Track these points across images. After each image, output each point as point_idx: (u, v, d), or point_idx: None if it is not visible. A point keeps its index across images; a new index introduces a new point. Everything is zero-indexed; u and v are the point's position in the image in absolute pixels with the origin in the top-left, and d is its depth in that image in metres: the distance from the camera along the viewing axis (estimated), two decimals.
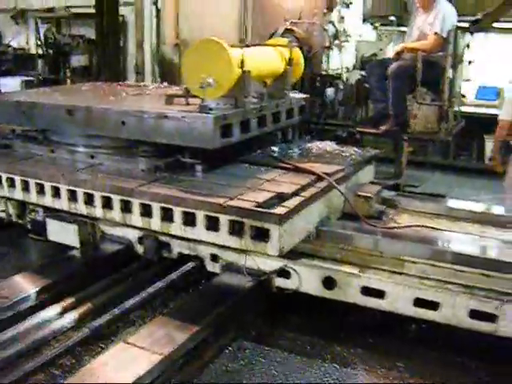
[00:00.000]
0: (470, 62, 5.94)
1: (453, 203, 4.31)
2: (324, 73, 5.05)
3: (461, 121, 5.78)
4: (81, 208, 3.66)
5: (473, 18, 5.01)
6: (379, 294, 3.27)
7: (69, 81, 8.04)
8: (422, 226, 3.80)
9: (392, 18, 5.96)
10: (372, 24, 5.74)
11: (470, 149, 7.84)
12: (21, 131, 4.26)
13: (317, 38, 4.97)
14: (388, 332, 3.49)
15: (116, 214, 3.53)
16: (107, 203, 3.55)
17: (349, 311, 3.52)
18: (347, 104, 5.32)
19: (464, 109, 7.70)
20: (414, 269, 3.32)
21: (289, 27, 4.92)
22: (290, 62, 4.21)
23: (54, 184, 3.70)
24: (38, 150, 4.15)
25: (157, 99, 4.17)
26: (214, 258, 3.62)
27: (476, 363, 3.25)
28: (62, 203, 3.72)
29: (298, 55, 4.35)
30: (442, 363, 3.26)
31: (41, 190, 3.79)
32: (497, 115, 6.98)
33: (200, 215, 3.23)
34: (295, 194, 3.35)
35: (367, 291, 3.30)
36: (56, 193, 3.73)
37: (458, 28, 4.95)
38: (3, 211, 4.22)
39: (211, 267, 3.65)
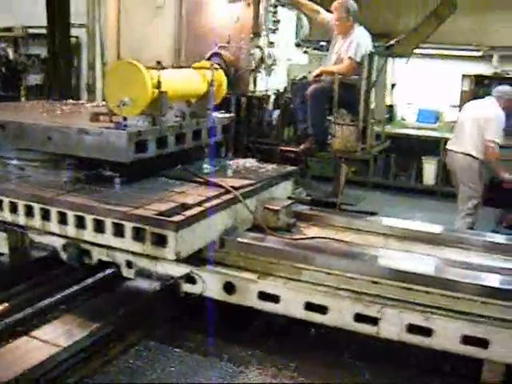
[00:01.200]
0: (393, 86, 6.27)
1: (366, 219, 4.61)
2: (250, 94, 5.37)
3: (385, 141, 6.11)
4: (6, 216, 3.91)
5: (387, 44, 5.37)
6: (274, 298, 3.55)
7: (23, 99, 8.35)
8: (326, 237, 4.10)
9: (323, 43, 6.34)
10: (304, 48, 6.09)
11: (411, 169, 8.20)
12: None
13: (243, 61, 5.30)
14: (288, 336, 3.78)
15: (36, 221, 3.78)
16: (29, 211, 3.80)
17: (256, 316, 3.81)
18: (275, 125, 5.63)
19: (405, 131, 8.18)
20: (309, 276, 3.60)
21: (216, 51, 5.26)
22: (211, 83, 4.54)
23: None
24: None
25: (86, 116, 4.44)
26: (129, 264, 3.87)
27: (364, 364, 3.55)
28: None
29: (221, 77, 4.66)
30: (333, 364, 3.54)
31: None
32: (436, 137, 7.42)
33: (108, 222, 3.50)
34: (198, 204, 3.63)
35: (264, 296, 3.58)
36: None
37: (374, 53, 5.29)
38: None
39: (127, 273, 3.92)
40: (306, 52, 5.89)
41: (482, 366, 3.19)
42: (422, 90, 8.20)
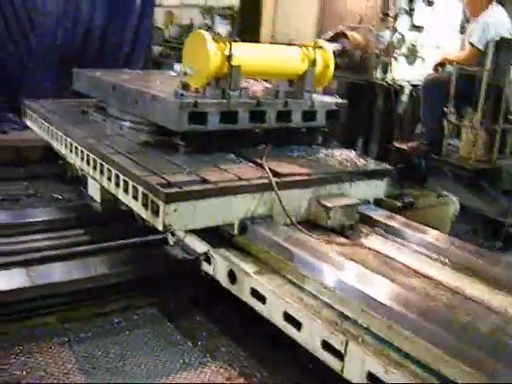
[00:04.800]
0: None
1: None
2: (376, 81, 4.68)
3: None
4: (80, 164, 4.35)
5: None
6: (262, 299, 3.19)
7: None
8: (369, 249, 3.47)
9: None
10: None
11: None
12: (96, 102, 5.11)
13: (372, 45, 4.65)
14: None
15: (97, 174, 4.08)
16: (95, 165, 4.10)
17: None
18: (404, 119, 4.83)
19: None
20: (311, 286, 3.10)
21: (343, 30, 4.73)
22: (313, 62, 4.18)
23: (75, 145, 4.43)
24: (98, 118, 4.91)
25: None
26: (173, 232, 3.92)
27: None
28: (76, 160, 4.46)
29: (326, 57, 4.24)
30: None
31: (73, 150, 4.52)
32: None
33: (130, 185, 3.58)
34: (216, 182, 3.43)
35: (255, 294, 3.23)
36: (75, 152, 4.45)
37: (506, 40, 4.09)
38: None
39: (171, 240, 3.97)
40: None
41: None
42: None
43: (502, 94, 4.25)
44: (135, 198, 3.54)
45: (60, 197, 5.40)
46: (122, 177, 3.69)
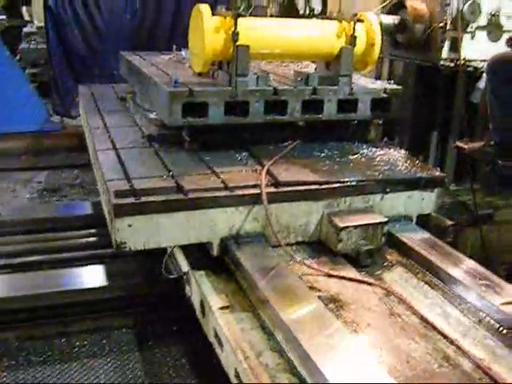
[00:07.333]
0: None
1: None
2: (443, 63, 3.54)
3: None
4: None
5: None
6: (221, 343, 2.49)
7: None
8: (378, 286, 2.59)
9: None
10: None
11: None
12: None
13: (437, 16, 3.52)
14: None
15: (95, 170, 3.63)
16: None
17: None
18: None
19: None
20: (280, 336, 2.36)
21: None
22: (352, 39, 3.30)
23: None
24: (132, 106, 4.43)
25: None
26: None
27: None
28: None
29: (371, 32, 3.32)
30: None
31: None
32: None
33: (104, 188, 3.05)
34: (193, 191, 2.77)
35: (216, 335, 2.55)
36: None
37: None
38: None
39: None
40: None
41: None
42: None
43: None
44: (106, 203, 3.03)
45: None
46: (100, 177, 3.20)
